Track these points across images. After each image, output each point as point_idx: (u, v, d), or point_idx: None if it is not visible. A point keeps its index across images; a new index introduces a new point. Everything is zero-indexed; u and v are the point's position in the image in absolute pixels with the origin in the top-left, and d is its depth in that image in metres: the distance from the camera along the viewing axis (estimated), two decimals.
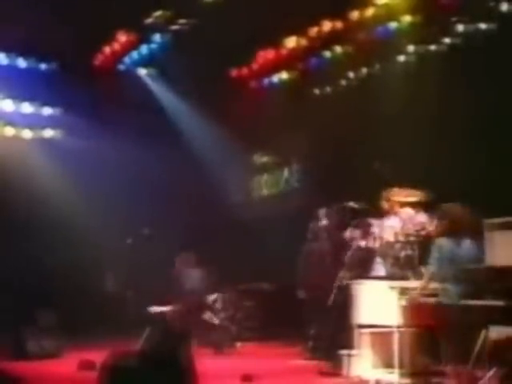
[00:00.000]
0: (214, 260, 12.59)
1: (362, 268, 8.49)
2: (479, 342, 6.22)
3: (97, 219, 12.15)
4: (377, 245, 8.37)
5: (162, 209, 12.73)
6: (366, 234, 8.46)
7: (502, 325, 6.22)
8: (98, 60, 13.04)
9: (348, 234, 8.94)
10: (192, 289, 11.40)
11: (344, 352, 7.93)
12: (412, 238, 8.06)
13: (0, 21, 10.67)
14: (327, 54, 12.32)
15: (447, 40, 10.75)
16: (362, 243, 8.60)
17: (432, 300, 6.96)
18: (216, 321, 11.25)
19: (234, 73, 13.74)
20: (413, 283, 7.51)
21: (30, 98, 13.00)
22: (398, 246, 8.13)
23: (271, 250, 12.42)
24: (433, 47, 10.95)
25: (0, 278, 11.42)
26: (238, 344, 11.29)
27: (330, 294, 9.61)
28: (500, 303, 6.14)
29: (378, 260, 8.43)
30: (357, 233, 9.01)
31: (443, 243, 6.87)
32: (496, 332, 6.18)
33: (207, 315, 11.25)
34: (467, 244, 6.80)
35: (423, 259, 7.75)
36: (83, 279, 11.77)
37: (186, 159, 13.23)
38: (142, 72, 13.75)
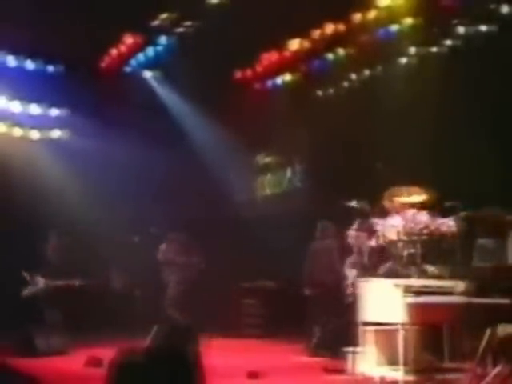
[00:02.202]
0: (218, 258, 12.55)
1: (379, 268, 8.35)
2: (485, 339, 6.12)
3: (103, 218, 12.05)
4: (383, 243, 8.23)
5: (167, 208, 12.64)
6: (372, 233, 8.34)
7: (507, 323, 6.13)
8: (105, 62, 12.96)
9: (352, 234, 8.84)
10: None
11: (349, 349, 7.83)
12: (414, 237, 7.96)
13: (8, 23, 10.61)
14: (330, 56, 12.25)
15: (448, 42, 10.69)
16: (372, 243, 8.46)
17: (437, 298, 6.88)
18: None
19: (238, 75, 13.67)
20: (415, 281, 7.43)
21: (38, 100, 12.91)
22: (400, 244, 8.04)
23: (274, 248, 12.32)
24: (434, 49, 10.89)
25: (8, 278, 11.32)
26: None
27: (336, 292, 9.64)
28: (507, 301, 6.05)
29: None
30: (362, 234, 8.87)
31: (486, 244, 6.75)
32: (502, 330, 6.09)
33: None
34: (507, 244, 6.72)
35: (426, 257, 7.68)
36: (90, 277, 11.66)
37: (190, 159, 13.15)
38: (148, 74, 13.68)
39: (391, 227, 8.18)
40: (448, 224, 7.76)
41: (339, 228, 9.58)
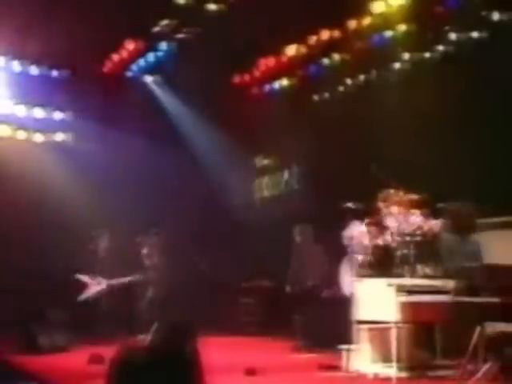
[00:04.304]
0: (216, 258, 12.57)
1: (383, 266, 8.34)
2: (475, 337, 6.16)
3: (106, 219, 12.07)
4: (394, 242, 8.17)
5: (168, 209, 12.67)
6: (381, 230, 8.29)
7: (496, 321, 6.17)
8: (107, 67, 13.00)
9: (348, 235, 8.85)
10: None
11: (343, 347, 7.86)
12: (408, 238, 7.98)
13: (13, 31, 10.67)
14: (326, 61, 12.29)
15: (441, 48, 10.72)
16: (379, 241, 8.44)
17: (429, 297, 6.92)
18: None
19: (236, 79, 13.70)
20: (408, 281, 7.46)
21: (42, 104, 12.95)
22: (394, 245, 8.05)
23: (272, 248, 12.36)
24: (427, 55, 10.92)
25: (14, 278, 11.36)
26: None
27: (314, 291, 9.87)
28: (495, 300, 6.09)
29: None
30: (371, 230, 8.78)
31: (450, 239, 6.79)
32: (491, 328, 6.12)
33: None
34: (473, 241, 6.76)
35: (419, 258, 7.71)
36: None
37: (190, 162, 13.19)
38: (149, 79, 13.72)
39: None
40: (440, 225, 7.79)
41: (334, 229, 9.61)
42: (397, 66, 11.36)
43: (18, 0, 10.10)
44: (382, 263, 8.06)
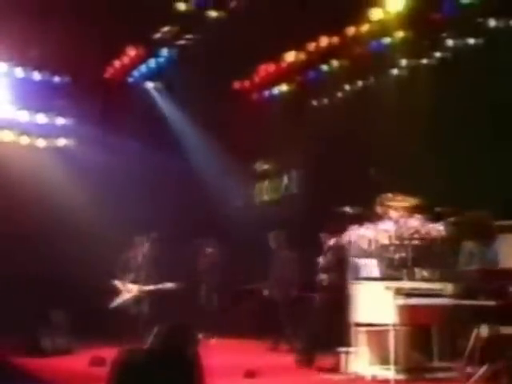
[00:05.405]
0: (216, 261, 12.56)
1: (339, 268, 8.42)
2: (472, 339, 6.17)
3: (107, 222, 12.08)
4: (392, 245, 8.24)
5: (168, 214, 12.68)
6: (335, 235, 8.45)
7: (493, 323, 6.17)
8: (109, 73, 13.03)
9: (353, 237, 8.94)
10: None
11: (342, 349, 7.87)
12: (406, 241, 8.00)
13: (16, 38, 10.70)
14: (324, 67, 12.32)
15: (437, 54, 10.76)
16: (331, 242, 8.61)
17: (427, 300, 6.94)
18: None
19: (236, 85, 13.73)
20: (406, 284, 7.48)
21: (45, 109, 12.98)
22: (392, 248, 8.08)
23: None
24: (424, 61, 10.96)
25: (16, 281, 11.37)
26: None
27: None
28: (492, 303, 6.10)
29: (374, 262, 8.37)
30: (324, 237, 9.10)
31: (472, 247, 6.80)
32: (487, 330, 6.13)
33: None
34: (494, 247, 6.77)
35: (416, 261, 7.72)
36: (95, 280, 11.70)
37: (191, 167, 13.20)
38: (150, 85, 13.74)
39: (383, 232, 8.24)
40: (438, 229, 7.81)
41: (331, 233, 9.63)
42: (394, 72, 11.40)
43: (19, 7, 10.12)
44: (333, 265, 8.21)
